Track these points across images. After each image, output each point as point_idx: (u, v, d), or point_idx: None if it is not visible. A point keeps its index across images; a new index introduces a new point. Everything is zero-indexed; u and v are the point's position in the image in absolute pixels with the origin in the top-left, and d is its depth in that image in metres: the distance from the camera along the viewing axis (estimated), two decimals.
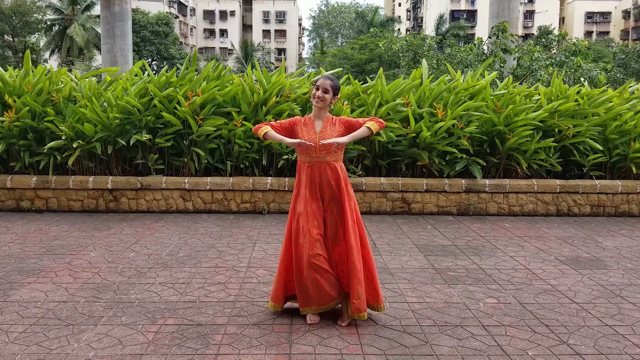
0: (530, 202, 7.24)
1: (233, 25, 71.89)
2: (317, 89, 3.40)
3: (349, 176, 7.16)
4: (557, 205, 7.27)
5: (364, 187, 7.06)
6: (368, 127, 3.38)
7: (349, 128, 3.45)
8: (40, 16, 41.34)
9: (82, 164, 7.23)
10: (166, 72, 7.56)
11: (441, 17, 50.55)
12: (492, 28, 13.16)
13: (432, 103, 7.30)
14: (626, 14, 64.72)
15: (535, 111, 7.39)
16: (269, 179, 7.08)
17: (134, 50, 29.28)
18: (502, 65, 11.82)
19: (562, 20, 67.99)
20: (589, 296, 4.03)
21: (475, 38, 14.29)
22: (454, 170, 7.17)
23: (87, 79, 7.71)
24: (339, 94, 3.45)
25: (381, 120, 3.45)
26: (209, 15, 71.61)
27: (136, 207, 7.06)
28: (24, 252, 5.06)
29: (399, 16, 74.12)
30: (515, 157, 7.23)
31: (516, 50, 12.24)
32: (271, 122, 3.52)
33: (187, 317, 3.51)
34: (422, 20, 67.64)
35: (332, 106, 3.47)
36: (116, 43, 15.22)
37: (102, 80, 7.85)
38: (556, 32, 32.63)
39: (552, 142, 7.15)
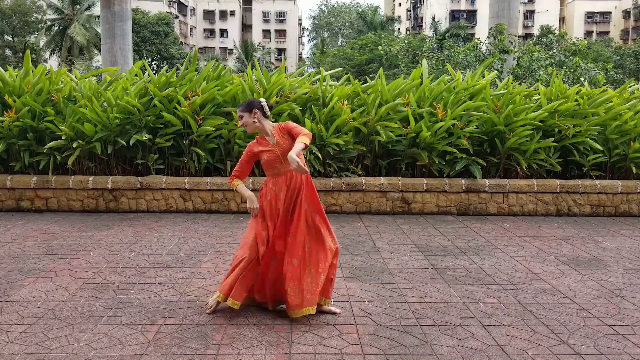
0: (530, 202, 7.24)
1: (233, 25, 71.84)
2: (239, 120, 3.56)
3: (349, 176, 7.17)
4: (557, 205, 7.27)
5: (364, 187, 7.06)
6: (305, 143, 3.31)
7: (290, 134, 3.49)
8: (40, 16, 41.30)
9: (82, 164, 7.23)
10: (166, 72, 7.56)
11: (434, 19, 50.27)
12: (490, 29, 13.14)
13: (432, 103, 7.30)
14: (626, 14, 64.66)
15: (535, 111, 7.40)
16: None
17: (134, 50, 29.30)
18: (502, 65, 11.82)
19: (562, 20, 67.93)
20: (589, 296, 4.04)
21: (474, 40, 14.26)
22: (454, 170, 7.17)
23: (87, 79, 7.71)
24: (252, 107, 3.50)
25: (309, 132, 3.42)
26: (209, 15, 71.56)
27: (136, 207, 7.06)
28: (24, 252, 5.06)
29: (399, 16, 74.02)
30: (515, 157, 7.23)
31: (515, 50, 12.23)
32: (235, 170, 3.67)
33: (187, 317, 3.51)
34: (422, 20, 67.55)
35: (257, 120, 3.50)
36: (116, 43, 15.22)
37: (102, 80, 7.85)
38: (556, 32, 32.61)
39: (552, 142, 7.15)
